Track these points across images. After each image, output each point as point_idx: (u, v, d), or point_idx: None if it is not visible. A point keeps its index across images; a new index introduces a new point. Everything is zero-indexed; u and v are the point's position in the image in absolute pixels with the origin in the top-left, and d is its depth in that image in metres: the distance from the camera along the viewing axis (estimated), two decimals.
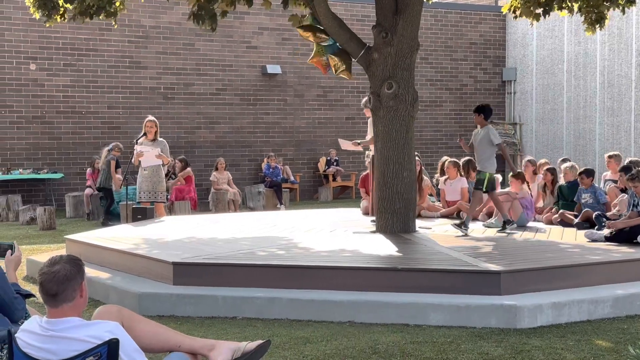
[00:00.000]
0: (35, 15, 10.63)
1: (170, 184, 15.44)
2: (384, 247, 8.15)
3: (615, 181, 10.77)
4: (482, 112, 9.57)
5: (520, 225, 10.10)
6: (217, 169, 17.23)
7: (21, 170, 17.18)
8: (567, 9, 10.99)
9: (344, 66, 10.35)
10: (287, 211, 14.76)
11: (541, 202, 11.16)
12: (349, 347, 5.52)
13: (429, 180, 12.36)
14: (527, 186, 10.71)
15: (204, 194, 17.96)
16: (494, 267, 6.71)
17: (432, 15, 21.52)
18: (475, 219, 10.80)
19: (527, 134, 22.53)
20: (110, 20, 10.71)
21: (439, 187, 12.10)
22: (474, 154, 9.84)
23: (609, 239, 8.34)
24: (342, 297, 6.57)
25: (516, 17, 11.32)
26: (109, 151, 15.17)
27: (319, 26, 9.91)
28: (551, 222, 10.37)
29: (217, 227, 10.27)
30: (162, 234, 9.43)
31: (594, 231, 8.84)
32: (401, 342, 5.62)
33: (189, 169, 16.04)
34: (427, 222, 10.65)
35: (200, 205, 16.37)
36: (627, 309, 6.57)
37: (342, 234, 9.45)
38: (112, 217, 14.38)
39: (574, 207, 10.27)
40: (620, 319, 6.39)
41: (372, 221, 10.13)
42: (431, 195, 12.28)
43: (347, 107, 20.64)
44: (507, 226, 9.58)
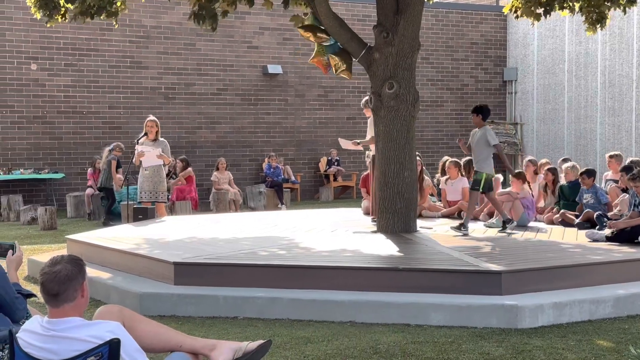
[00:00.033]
0: (36, 15, 10.62)
1: (171, 184, 15.44)
2: (385, 247, 8.15)
3: (616, 181, 10.77)
4: (480, 112, 9.57)
5: (521, 225, 10.11)
6: (218, 169, 17.24)
7: (22, 170, 17.18)
8: (568, 8, 10.99)
9: (344, 66, 10.35)
10: (288, 211, 14.76)
11: (542, 202, 11.16)
12: (350, 347, 5.52)
13: (430, 180, 12.36)
14: (528, 186, 10.71)
15: (205, 194, 17.96)
16: (495, 267, 6.70)
17: (433, 15, 21.52)
18: (476, 219, 10.81)
19: (528, 134, 22.52)
20: (111, 20, 10.70)
21: (440, 187, 12.10)
22: (472, 154, 9.84)
23: (610, 239, 8.34)
24: (343, 297, 6.57)
25: (517, 17, 11.32)
26: (110, 151, 15.17)
27: (320, 26, 9.91)
28: (552, 222, 10.37)
29: (218, 227, 10.27)
30: (163, 234, 9.43)
31: (595, 231, 8.84)
32: (402, 342, 5.62)
33: (189, 169, 16.05)
34: (428, 222, 10.65)
35: (201, 205, 16.38)
36: (629, 309, 6.57)
37: (343, 234, 9.45)
38: (113, 217, 14.38)
39: (575, 207, 10.27)
40: (621, 319, 6.39)
41: (372, 220, 10.14)
42: (432, 195, 12.28)
43: (348, 107, 20.64)
44: (507, 225, 9.59)
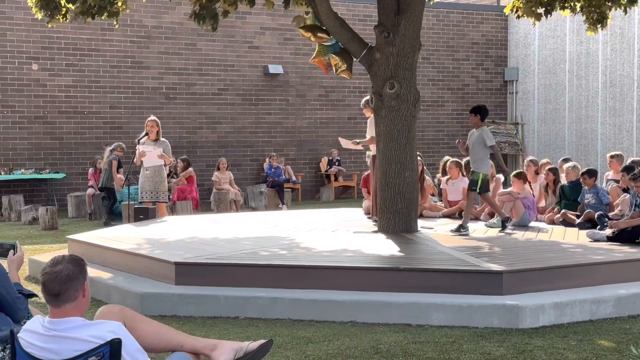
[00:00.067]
0: (37, 15, 10.63)
1: (172, 184, 15.45)
2: (386, 247, 8.15)
3: (617, 181, 10.76)
4: (478, 112, 9.56)
5: (522, 225, 10.11)
6: (219, 169, 17.24)
7: (23, 170, 17.19)
8: (569, 8, 10.98)
9: (344, 66, 10.35)
10: (289, 211, 14.76)
11: (543, 202, 11.16)
12: (351, 347, 5.52)
13: (431, 180, 12.36)
14: (529, 186, 10.71)
15: (206, 194, 17.97)
16: (496, 267, 6.70)
17: (434, 15, 21.52)
18: (477, 219, 10.81)
19: (529, 134, 22.51)
20: (112, 20, 10.71)
21: (441, 187, 12.10)
22: (469, 154, 9.83)
23: (611, 239, 8.34)
24: (344, 297, 6.57)
25: (518, 17, 11.32)
26: (112, 151, 15.18)
27: (322, 26, 9.91)
28: (553, 222, 10.36)
29: (219, 227, 10.27)
30: (164, 234, 9.43)
31: (596, 231, 8.84)
32: (403, 342, 5.62)
33: (190, 169, 16.06)
34: (429, 222, 10.65)
35: (202, 205, 16.39)
36: (630, 309, 6.56)
37: (344, 234, 9.44)
38: (114, 217, 14.38)
39: (576, 207, 10.26)
40: (622, 319, 6.39)
41: (372, 219, 10.13)
42: (433, 195, 12.28)
43: (349, 107, 20.64)
44: (506, 224, 9.60)
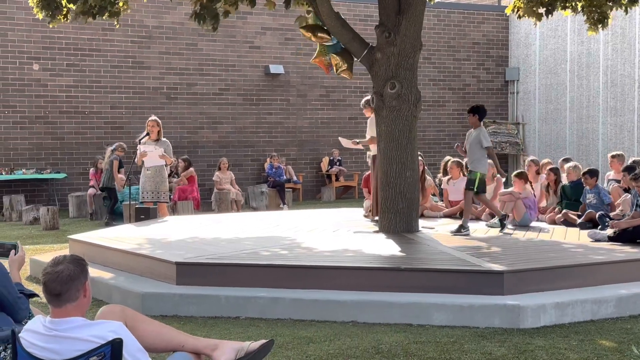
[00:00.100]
0: (38, 15, 10.63)
1: (173, 184, 15.45)
2: (387, 247, 8.15)
3: (618, 181, 10.76)
4: (476, 112, 9.54)
5: (523, 225, 10.12)
6: (220, 169, 17.25)
7: (24, 170, 17.20)
8: (570, 8, 10.98)
9: (345, 65, 10.35)
10: (290, 211, 14.76)
11: (544, 202, 11.16)
12: (352, 347, 5.52)
13: (431, 180, 12.35)
14: (530, 186, 10.71)
15: (206, 194, 17.97)
16: (497, 267, 6.70)
17: (435, 15, 21.52)
18: (478, 219, 10.81)
19: (530, 134, 22.51)
20: (112, 20, 10.71)
21: (442, 187, 12.09)
22: (467, 154, 9.82)
23: (612, 238, 8.33)
24: (345, 297, 6.57)
25: (519, 17, 11.31)
26: (113, 151, 15.19)
27: (323, 26, 9.91)
28: (554, 222, 10.36)
29: (220, 227, 10.27)
30: (165, 234, 9.43)
31: (597, 231, 8.83)
32: (404, 342, 5.61)
33: (191, 169, 16.06)
34: (430, 222, 10.65)
35: (203, 205, 16.39)
36: (631, 308, 6.56)
37: (345, 234, 9.44)
38: (116, 216, 14.39)
39: (578, 207, 10.26)
40: (623, 319, 6.38)
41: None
42: (434, 195, 12.28)
43: (350, 107, 20.64)
44: (504, 222, 9.59)
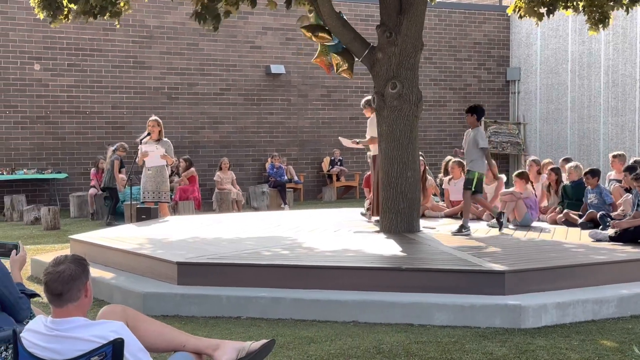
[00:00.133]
0: (39, 15, 10.64)
1: (174, 184, 15.45)
2: (388, 247, 8.15)
3: (619, 181, 10.75)
4: (474, 112, 9.52)
5: (524, 225, 10.12)
6: (221, 169, 17.25)
7: (25, 170, 17.21)
8: (572, 7, 10.97)
9: (345, 65, 10.34)
10: (291, 211, 14.76)
11: (545, 202, 11.16)
12: (353, 347, 5.52)
13: (433, 180, 12.35)
14: (531, 186, 10.70)
15: (207, 194, 17.97)
16: (498, 267, 6.70)
17: (436, 15, 21.51)
18: (479, 219, 10.81)
19: (531, 134, 22.50)
20: (113, 20, 10.71)
21: (443, 187, 12.09)
22: (464, 154, 9.81)
23: (613, 238, 8.33)
24: (346, 297, 6.57)
25: (521, 17, 11.31)
26: (114, 151, 15.20)
27: (325, 26, 9.91)
28: (555, 222, 10.36)
29: (221, 227, 10.27)
30: (166, 234, 9.44)
31: (599, 231, 8.83)
32: (405, 342, 5.61)
33: (192, 169, 16.06)
34: (431, 222, 10.64)
35: (204, 205, 16.39)
36: (632, 308, 6.56)
37: (346, 234, 9.44)
38: (117, 216, 14.39)
39: (579, 206, 10.25)
40: (625, 319, 6.38)
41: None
42: (435, 195, 12.27)
43: (351, 107, 20.62)
44: (501, 220, 9.56)
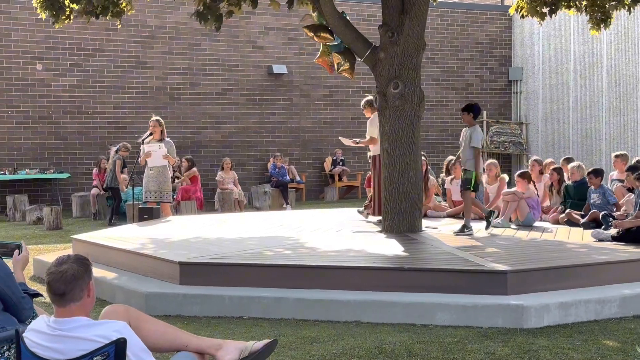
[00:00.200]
0: (41, 15, 10.65)
1: (176, 184, 15.46)
2: (390, 247, 8.15)
3: (622, 181, 10.74)
4: (470, 111, 9.49)
5: (526, 225, 10.11)
6: (223, 169, 17.26)
7: (28, 170, 17.23)
8: (574, 7, 10.97)
9: (347, 65, 10.34)
10: (293, 211, 14.76)
11: (548, 202, 11.15)
12: (356, 346, 5.52)
13: (435, 179, 12.35)
14: (533, 186, 10.69)
15: (210, 193, 17.98)
16: (500, 267, 6.69)
17: (438, 14, 21.50)
18: (481, 219, 10.79)
19: (533, 134, 22.49)
20: (115, 20, 10.72)
21: (445, 186, 12.09)
22: (461, 153, 9.80)
23: (615, 238, 8.32)
24: (348, 296, 6.56)
25: (523, 16, 11.30)
26: (117, 151, 15.22)
27: (327, 25, 9.91)
28: (558, 222, 10.35)
29: (223, 227, 10.28)
30: (169, 233, 9.44)
31: (601, 231, 8.81)
32: (408, 342, 5.61)
33: (194, 169, 16.08)
34: (434, 222, 10.65)
35: (206, 205, 16.40)
36: (635, 308, 6.54)
37: (349, 233, 9.44)
38: (119, 216, 14.40)
39: (581, 206, 10.24)
40: (627, 319, 6.37)
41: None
42: (437, 194, 12.28)
43: (353, 107, 20.60)
44: (490, 219, 9.53)
